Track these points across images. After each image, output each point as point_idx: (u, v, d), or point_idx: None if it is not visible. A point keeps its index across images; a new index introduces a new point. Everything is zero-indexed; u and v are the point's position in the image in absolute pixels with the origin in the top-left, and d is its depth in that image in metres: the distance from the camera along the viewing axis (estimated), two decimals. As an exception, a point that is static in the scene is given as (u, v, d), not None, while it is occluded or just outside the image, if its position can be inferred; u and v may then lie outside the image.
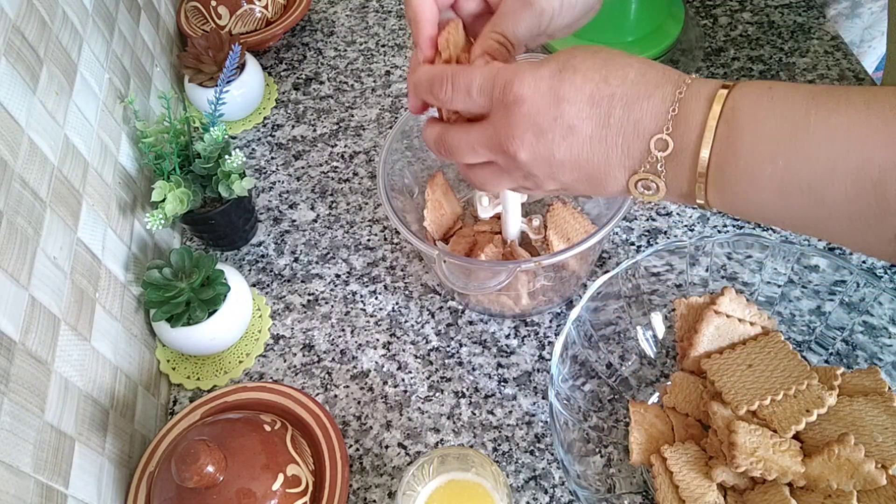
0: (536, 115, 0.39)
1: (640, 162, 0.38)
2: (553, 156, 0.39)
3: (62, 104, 0.56)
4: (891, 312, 0.52)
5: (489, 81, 0.41)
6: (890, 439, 0.47)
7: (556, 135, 0.39)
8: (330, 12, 0.95)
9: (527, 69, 0.40)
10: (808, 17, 0.84)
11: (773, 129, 0.34)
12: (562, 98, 0.38)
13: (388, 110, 0.83)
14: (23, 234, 0.48)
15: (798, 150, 0.33)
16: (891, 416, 0.48)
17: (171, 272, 0.61)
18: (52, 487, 0.45)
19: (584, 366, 0.56)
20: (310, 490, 0.52)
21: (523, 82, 0.40)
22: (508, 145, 0.40)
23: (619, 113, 0.37)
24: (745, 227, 0.68)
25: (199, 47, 0.77)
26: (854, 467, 0.45)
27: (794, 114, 0.34)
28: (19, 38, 0.52)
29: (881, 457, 0.46)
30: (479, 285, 0.54)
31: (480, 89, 0.42)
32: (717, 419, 0.50)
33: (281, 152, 0.80)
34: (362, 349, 0.64)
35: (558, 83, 0.39)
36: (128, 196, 0.66)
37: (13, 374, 0.44)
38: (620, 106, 0.37)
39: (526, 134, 0.39)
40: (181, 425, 0.57)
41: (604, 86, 0.38)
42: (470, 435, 0.59)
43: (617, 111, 0.37)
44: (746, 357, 0.52)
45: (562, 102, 0.38)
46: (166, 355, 0.65)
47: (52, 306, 0.49)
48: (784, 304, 0.57)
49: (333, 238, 0.72)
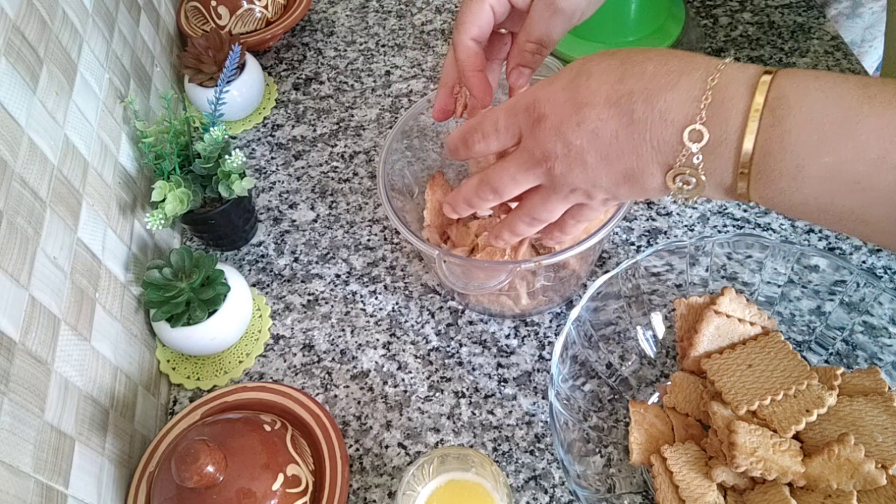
0: (560, 126, 0.39)
1: (674, 155, 0.36)
2: (585, 162, 0.39)
3: (62, 104, 0.56)
4: (891, 312, 0.52)
5: (511, 113, 0.42)
6: (890, 439, 0.47)
7: (584, 140, 0.39)
8: (330, 12, 0.95)
9: (540, 88, 0.41)
10: (809, 17, 0.84)
11: (825, 121, 0.32)
12: (580, 104, 0.38)
13: (388, 110, 0.83)
14: (23, 234, 0.48)
15: (849, 143, 0.32)
16: (891, 416, 0.48)
17: (171, 272, 0.61)
18: (52, 487, 0.45)
19: (584, 366, 0.56)
20: (310, 490, 0.52)
21: (540, 100, 0.40)
22: (543, 161, 0.41)
23: (641, 108, 0.36)
24: (744, 227, 0.68)
25: (199, 47, 0.77)
26: (854, 467, 0.45)
27: (846, 104, 0.32)
28: (19, 38, 0.52)
29: (881, 457, 0.46)
30: (479, 285, 0.54)
31: (506, 125, 0.43)
32: (717, 419, 0.50)
33: (281, 152, 0.80)
34: (362, 349, 0.64)
35: (574, 91, 0.39)
36: (128, 196, 0.66)
37: (13, 374, 0.44)
38: (641, 101, 0.36)
39: (556, 147, 0.40)
40: (181, 425, 0.57)
41: (619, 85, 0.37)
42: (470, 435, 0.59)
43: (639, 106, 0.36)
44: (746, 357, 0.52)
45: (581, 108, 0.38)
46: (166, 355, 0.65)
47: (52, 306, 0.49)
48: (784, 304, 0.57)
49: (333, 238, 0.72)
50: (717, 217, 0.69)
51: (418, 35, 0.90)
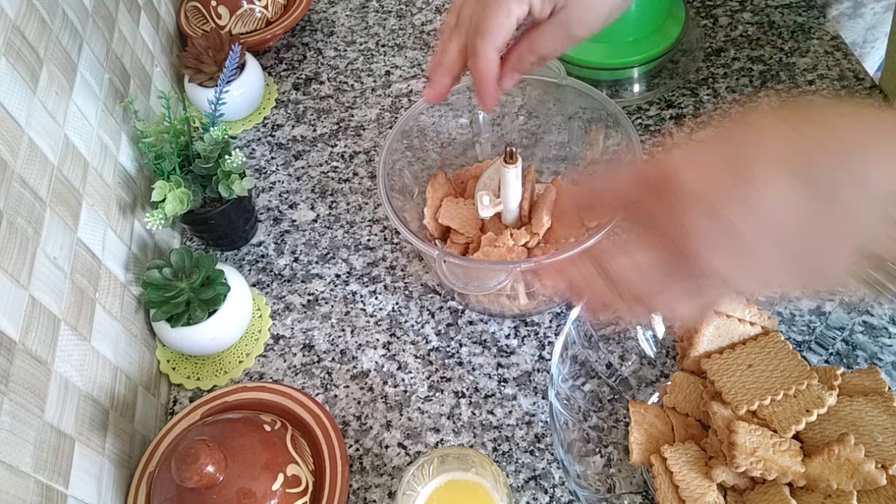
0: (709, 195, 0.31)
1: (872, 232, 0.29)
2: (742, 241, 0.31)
3: (62, 104, 0.56)
4: (891, 312, 0.52)
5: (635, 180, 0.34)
6: (890, 439, 0.47)
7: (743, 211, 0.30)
8: (330, 12, 0.95)
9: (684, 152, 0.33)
10: (809, 17, 0.84)
11: None
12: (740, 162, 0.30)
13: (388, 110, 0.83)
14: (23, 234, 0.48)
15: None
16: (891, 416, 0.48)
17: (171, 272, 0.61)
18: (52, 487, 0.45)
19: (584, 366, 0.56)
20: (310, 490, 0.52)
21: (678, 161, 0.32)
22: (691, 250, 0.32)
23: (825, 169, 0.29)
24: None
25: (199, 47, 0.77)
26: (854, 467, 0.45)
27: None
28: (19, 38, 0.52)
29: (881, 457, 0.46)
30: (479, 285, 0.54)
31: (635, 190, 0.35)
32: (716, 419, 0.50)
33: (281, 152, 0.80)
34: (362, 349, 0.64)
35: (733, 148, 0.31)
36: (128, 196, 0.66)
37: (13, 374, 0.44)
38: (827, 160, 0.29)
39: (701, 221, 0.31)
40: (181, 425, 0.57)
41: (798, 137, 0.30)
42: (470, 435, 0.59)
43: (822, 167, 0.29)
44: (746, 357, 0.52)
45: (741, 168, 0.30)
46: (166, 355, 0.65)
47: (52, 306, 0.49)
48: (784, 303, 0.57)
49: (333, 238, 0.72)
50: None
51: (418, 35, 0.90)
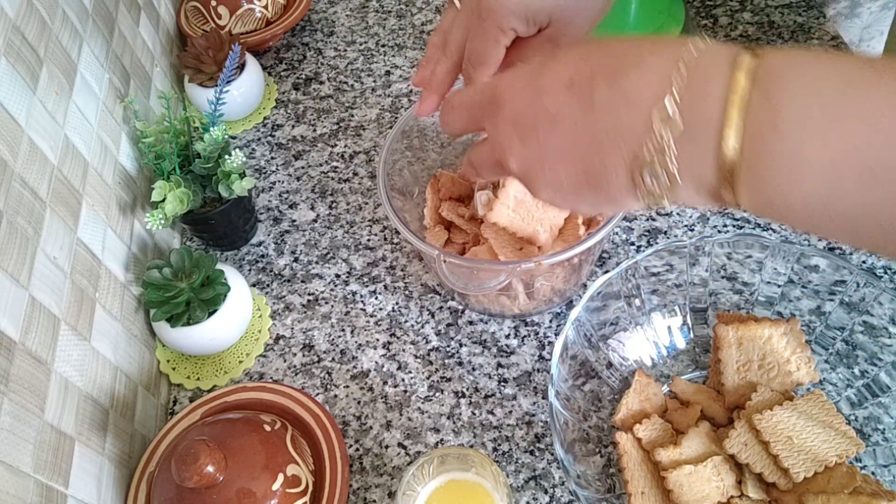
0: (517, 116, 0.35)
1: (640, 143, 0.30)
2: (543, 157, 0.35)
3: (62, 104, 0.56)
4: (891, 312, 0.52)
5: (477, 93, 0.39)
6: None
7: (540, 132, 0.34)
8: (330, 12, 0.95)
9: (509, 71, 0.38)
10: (808, 16, 0.84)
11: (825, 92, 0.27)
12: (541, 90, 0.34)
13: (388, 110, 0.83)
14: (23, 234, 0.48)
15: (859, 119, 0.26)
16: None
17: (171, 272, 0.61)
18: (52, 487, 0.45)
19: (584, 366, 0.56)
20: (310, 490, 0.52)
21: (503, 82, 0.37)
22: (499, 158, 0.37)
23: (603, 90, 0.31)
24: (745, 227, 0.68)
25: (199, 47, 0.77)
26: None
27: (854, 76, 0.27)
28: (19, 38, 0.52)
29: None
30: (479, 285, 0.54)
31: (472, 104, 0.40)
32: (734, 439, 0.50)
33: (281, 152, 0.80)
34: (362, 349, 0.64)
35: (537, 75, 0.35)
36: (128, 196, 0.66)
37: (13, 374, 0.44)
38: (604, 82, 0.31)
39: (512, 141, 0.36)
40: (181, 425, 0.57)
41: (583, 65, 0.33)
42: (470, 435, 0.59)
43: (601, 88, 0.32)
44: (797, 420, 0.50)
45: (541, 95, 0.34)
46: (166, 355, 0.65)
47: (52, 306, 0.49)
48: (784, 304, 0.57)
49: (333, 238, 0.72)
50: (718, 217, 0.69)
51: (418, 35, 0.90)
